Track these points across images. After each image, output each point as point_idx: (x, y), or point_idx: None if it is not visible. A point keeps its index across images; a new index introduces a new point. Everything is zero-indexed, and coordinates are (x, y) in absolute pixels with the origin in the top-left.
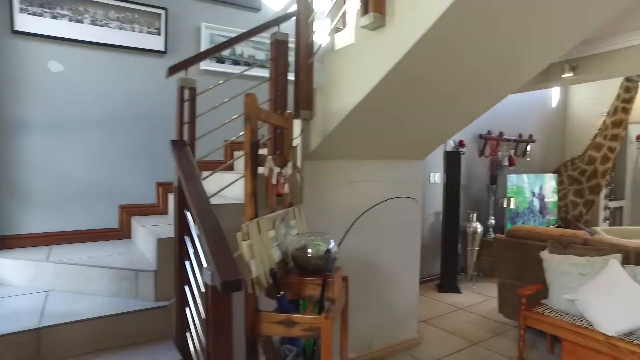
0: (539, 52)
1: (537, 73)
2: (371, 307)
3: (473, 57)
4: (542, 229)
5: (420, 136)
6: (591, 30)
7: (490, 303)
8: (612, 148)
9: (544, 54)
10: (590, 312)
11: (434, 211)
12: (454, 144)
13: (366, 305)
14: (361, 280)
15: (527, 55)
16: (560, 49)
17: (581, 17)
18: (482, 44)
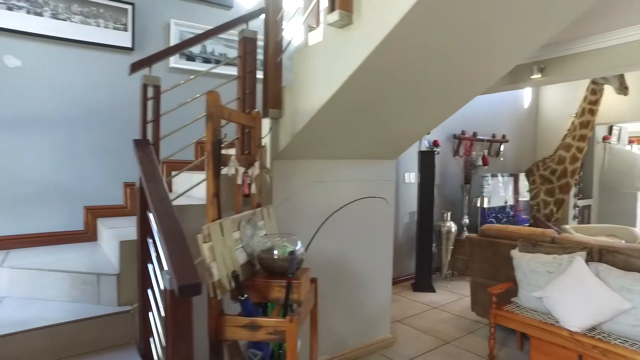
0: (505, 53)
1: (505, 73)
2: (344, 307)
3: (439, 57)
4: (512, 228)
5: (391, 136)
6: (556, 31)
7: (463, 301)
8: (580, 148)
9: (511, 55)
10: (556, 309)
11: (409, 211)
12: (428, 144)
13: (339, 306)
14: (334, 280)
15: (494, 56)
16: (526, 50)
17: (546, 18)
18: (448, 43)
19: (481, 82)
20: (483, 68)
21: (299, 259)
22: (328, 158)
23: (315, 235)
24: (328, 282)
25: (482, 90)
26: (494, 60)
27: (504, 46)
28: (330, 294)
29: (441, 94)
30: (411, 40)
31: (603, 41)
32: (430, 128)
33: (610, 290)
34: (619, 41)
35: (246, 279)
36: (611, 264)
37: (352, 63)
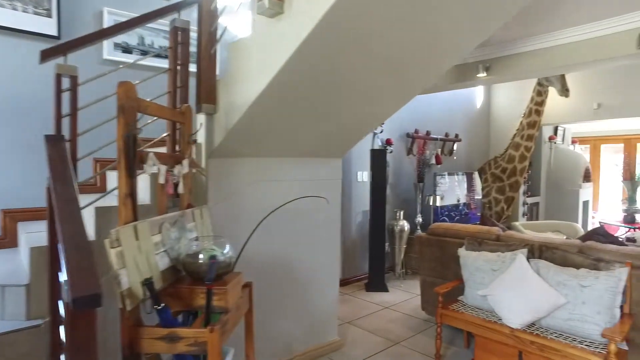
0: (446, 43)
1: (449, 65)
2: (290, 310)
3: (377, 49)
4: (459, 226)
5: (335, 133)
6: (491, 31)
7: (415, 300)
8: (528, 147)
9: (452, 45)
10: (498, 306)
11: (362, 210)
12: (381, 143)
13: (285, 309)
14: (279, 283)
15: (434, 48)
16: (468, 43)
17: (482, 16)
18: (385, 34)
19: (422, 77)
20: (423, 62)
21: (225, 262)
22: (270, 156)
23: (259, 237)
24: (273, 284)
25: (424, 86)
26: (434, 53)
27: (445, 37)
28: (275, 297)
29: (382, 89)
30: (344, 30)
31: (546, 41)
32: (374, 125)
33: (548, 286)
34: (561, 41)
35: (169, 285)
36: (550, 260)
37: (284, 53)
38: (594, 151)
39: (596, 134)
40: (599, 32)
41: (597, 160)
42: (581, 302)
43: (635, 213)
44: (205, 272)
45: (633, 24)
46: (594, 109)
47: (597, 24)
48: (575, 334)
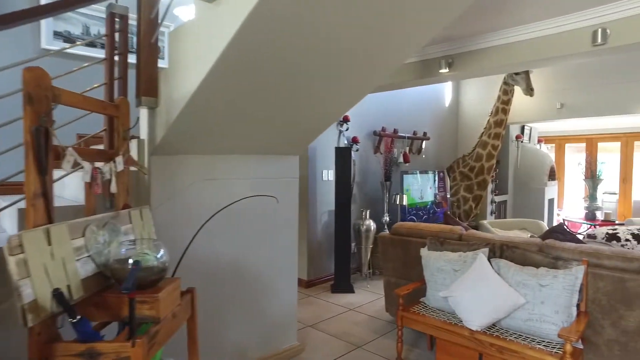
0: (390, 46)
1: (402, 59)
2: (243, 316)
3: (322, 37)
4: (423, 226)
5: (288, 129)
6: (440, 27)
7: (381, 302)
8: (495, 146)
9: (405, 36)
10: (459, 308)
11: (328, 209)
12: (347, 141)
13: (237, 316)
14: (229, 288)
15: (385, 39)
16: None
17: (431, 10)
18: (329, 21)
19: (376, 71)
20: (376, 53)
21: (159, 268)
22: (220, 153)
23: (209, 239)
24: (224, 290)
25: (379, 80)
26: (386, 45)
27: (395, 31)
28: (227, 303)
29: (334, 82)
30: (285, 14)
31: (506, 37)
32: (329, 121)
33: (508, 286)
34: (521, 37)
35: (94, 294)
36: (510, 259)
37: (222, 40)
38: (559, 150)
39: (561, 133)
40: (556, 28)
41: (562, 159)
42: (540, 301)
43: (595, 210)
44: (138, 279)
45: (587, 22)
46: (557, 109)
47: (553, 21)
48: (534, 335)
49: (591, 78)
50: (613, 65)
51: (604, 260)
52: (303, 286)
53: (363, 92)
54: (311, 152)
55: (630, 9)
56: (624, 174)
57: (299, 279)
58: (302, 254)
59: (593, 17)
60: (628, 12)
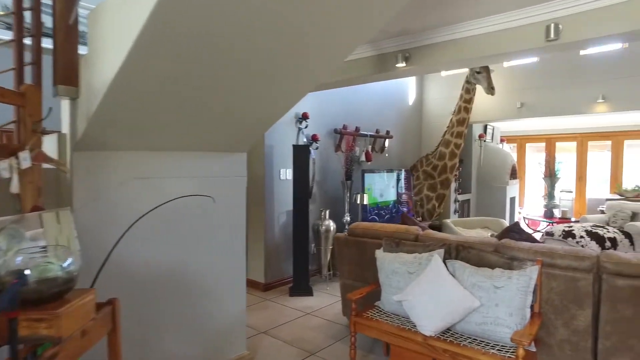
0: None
1: (347, 51)
2: (184, 325)
3: (259, 18)
4: (379, 226)
5: (230, 123)
6: (382, 24)
7: (339, 305)
8: (457, 145)
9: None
10: (413, 312)
11: (286, 210)
12: (307, 139)
13: (176, 325)
14: (167, 296)
15: (319, 37)
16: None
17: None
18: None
19: (317, 65)
20: (316, 44)
21: (63, 279)
22: (155, 149)
23: (142, 244)
24: (161, 298)
25: (321, 75)
26: (328, 35)
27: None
28: (163, 313)
29: (272, 74)
30: None
31: (465, 30)
32: (275, 116)
33: (463, 288)
34: (480, 31)
35: None
36: (466, 260)
37: (140, 18)
38: (520, 150)
39: (522, 133)
40: (512, 23)
41: (523, 159)
42: (495, 304)
43: (554, 208)
44: (36, 292)
45: (541, 17)
46: (518, 108)
47: (508, 15)
48: (488, 338)
49: (548, 78)
50: (568, 66)
51: (557, 259)
52: (260, 290)
53: (305, 87)
54: (268, 150)
55: (580, 5)
56: (580, 173)
57: (256, 282)
58: (259, 256)
59: (546, 12)
60: (578, 8)
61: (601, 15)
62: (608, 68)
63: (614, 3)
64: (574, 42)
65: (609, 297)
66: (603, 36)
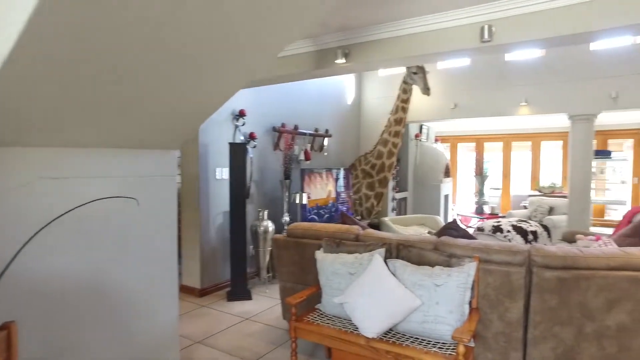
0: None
1: (284, 42)
2: (105, 342)
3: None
4: (319, 226)
5: (153, 118)
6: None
7: (279, 308)
8: (395, 144)
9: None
10: (355, 314)
11: (223, 211)
12: (244, 137)
13: (96, 342)
14: (84, 310)
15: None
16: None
17: None
18: None
19: (255, 57)
20: (253, 33)
21: None
22: (67, 145)
23: (57, 253)
24: (78, 313)
25: (260, 68)
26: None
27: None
28: (82, 330)
29: (206, 61)
30: None
31: (404, 28)
32: (209, 110)
33: (404, 288)
34: (419, 29)
35: None
36: (407, 258)
37: None
38: (453, 149)
39: (455, 133)
40: (449, 22)
41: (455, 158)
42: (435, 302)
43: (483, 205)
44: None
45: (476, 18)
46: (451, 109)
47: (446, 14)
48: (430, 337)
49: (479, 82)
50: (496, 70)
51: (493, 255)
52: (196, 295)
53: (240, 81)
54: (202, 148)
55: (510, 9)
56: (505, 171)
57: (191, 287)
58: (194, 260)
59: (480, 13)
60: (509, 12)
61: (527, 20)
62: (530, 74)
63: (538, 10)
64: (505, 44)
65: (538, 288)
66: (529, 40)
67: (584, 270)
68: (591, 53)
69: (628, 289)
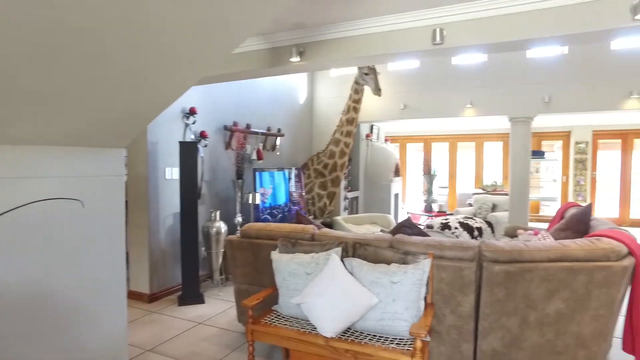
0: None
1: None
2: (46, 355)
3: None
4: (273, 226)
5: (98, 114)
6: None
7: (234, 310)
8: (347, 143)
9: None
10: (312, 314)
11: (173, 212)
12: (194, 136)
13: (37, 355)
14: (21, 323)
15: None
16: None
17: None
18: None
19: (207, 55)
20: (203, 30)
21: None
22: (5, 143)
23: None
24: (15, 326)
25: (212, 65)
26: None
27: None
28: (21, 343)
29: (154, 57)
30: None
31: (359, 28)
32: (158, 108)
33: (361, 286)
34: (374, 30)
35: None
36: (364, 257)
37: None
38: (402, 149)
39: (404, 133)
40: (403, 24)
41: (404, 157)
42: (392, 299)
43: (432, 203)
44: None
45: (429, 20)
46: (401, 109)
47: (400, 16)
48: (387, 333)
49: (427, 83)
50: (444, 73)
51: (446, 251)
52: (145, 301)
53: (190, 78)
54: (151, 147)
55: (462, 14)
56: (452, 171)
57: (140, 293)
58: (143, 264)
59: (434, 16)
60: (458, 17)
61: (474, 25)
62: (475, 77)
63: (484, 17)
64: (456, 47)
65: (488, 282)
66: (476, 44)
67: (528, 263)
68: (528, 60)
69: (565, 278)
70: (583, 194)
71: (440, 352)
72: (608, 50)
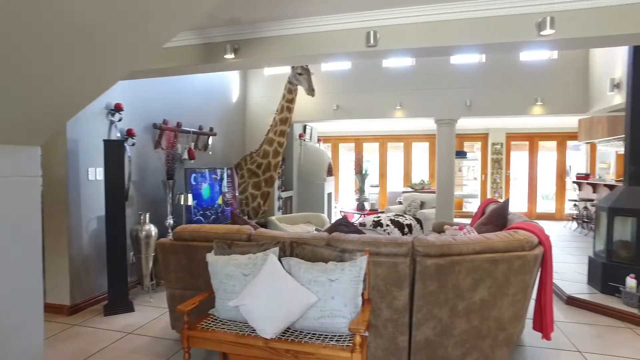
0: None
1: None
2: None
3: None
4: (207, 228)
5: (9, 107)
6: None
7: (166, 317)
8: (281, 143)
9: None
10: (251, 316)
11: (97, 215)
12: (120, 134)
13: None
14: None
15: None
16: None
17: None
18: None
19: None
20: (132, 19)
21: None
22: None
23: None
24: None
25: (141, 59)
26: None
27: None
28: None
29: (76, 44)
30: None
31: (295, 27)
32: (79, 102)
33: (300, 285)
34: (309, 29)
35: None
36: (301, 256)
37: None
38: (334, 149)
39: (336, 134)
40: (338, 25)
41: (337, 157)
42: (330, 297)
43: (364, 201)
44: None
45: (363, 23)
46: (334, 110)
47: (336, 17)
48: (327, 331)
49: (359, 85)
50: (375, 75)
51: (381, 247)
52: (65, 314)
53: (116, 72)
54: (72, 145)
55: (393, 18)
56: (382, 170)
57: (59, 305)
58: (62, 273)
59: (368, 19)
60: (393, 21)
61: (404, 30)
62: (404, 80)
63: (412, 22)
64: (387, 50)
65: (421, 276)
66: (406, 48)
67: (457, 256)
68: (452, 66)
69: (488, 268)
70: (499, 191)
71: (378, 345)
72: (518, 61)
